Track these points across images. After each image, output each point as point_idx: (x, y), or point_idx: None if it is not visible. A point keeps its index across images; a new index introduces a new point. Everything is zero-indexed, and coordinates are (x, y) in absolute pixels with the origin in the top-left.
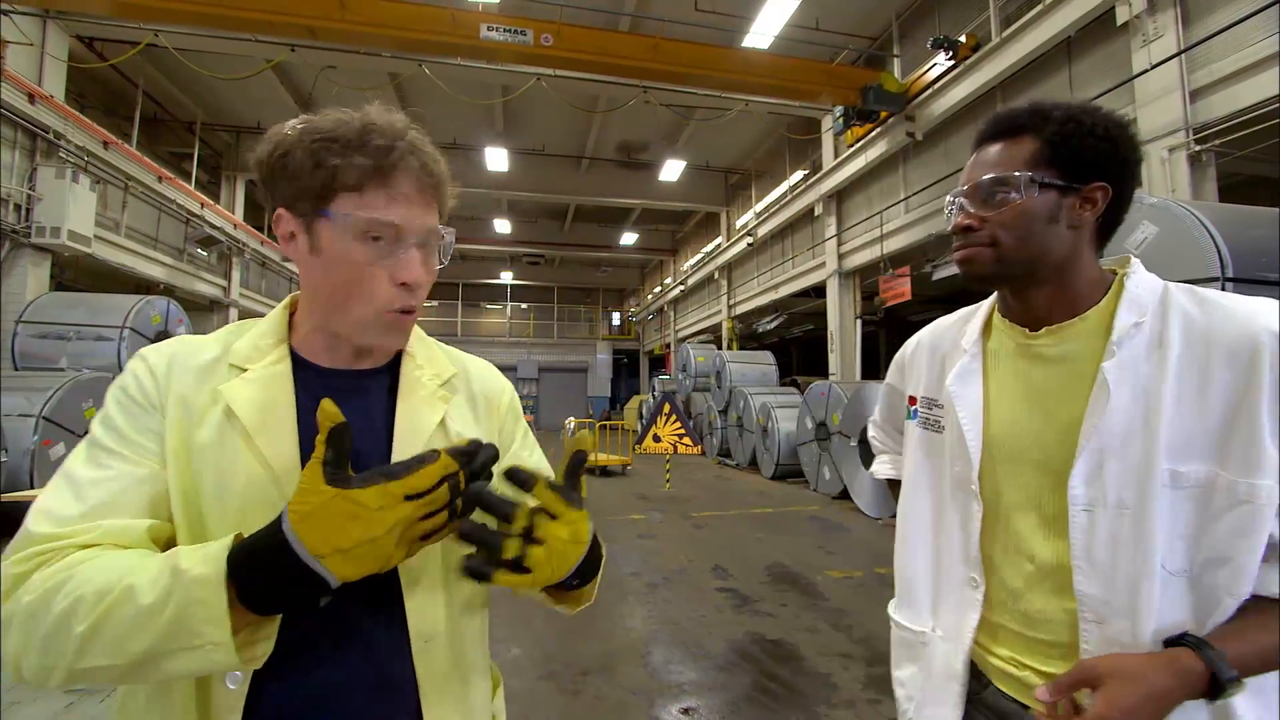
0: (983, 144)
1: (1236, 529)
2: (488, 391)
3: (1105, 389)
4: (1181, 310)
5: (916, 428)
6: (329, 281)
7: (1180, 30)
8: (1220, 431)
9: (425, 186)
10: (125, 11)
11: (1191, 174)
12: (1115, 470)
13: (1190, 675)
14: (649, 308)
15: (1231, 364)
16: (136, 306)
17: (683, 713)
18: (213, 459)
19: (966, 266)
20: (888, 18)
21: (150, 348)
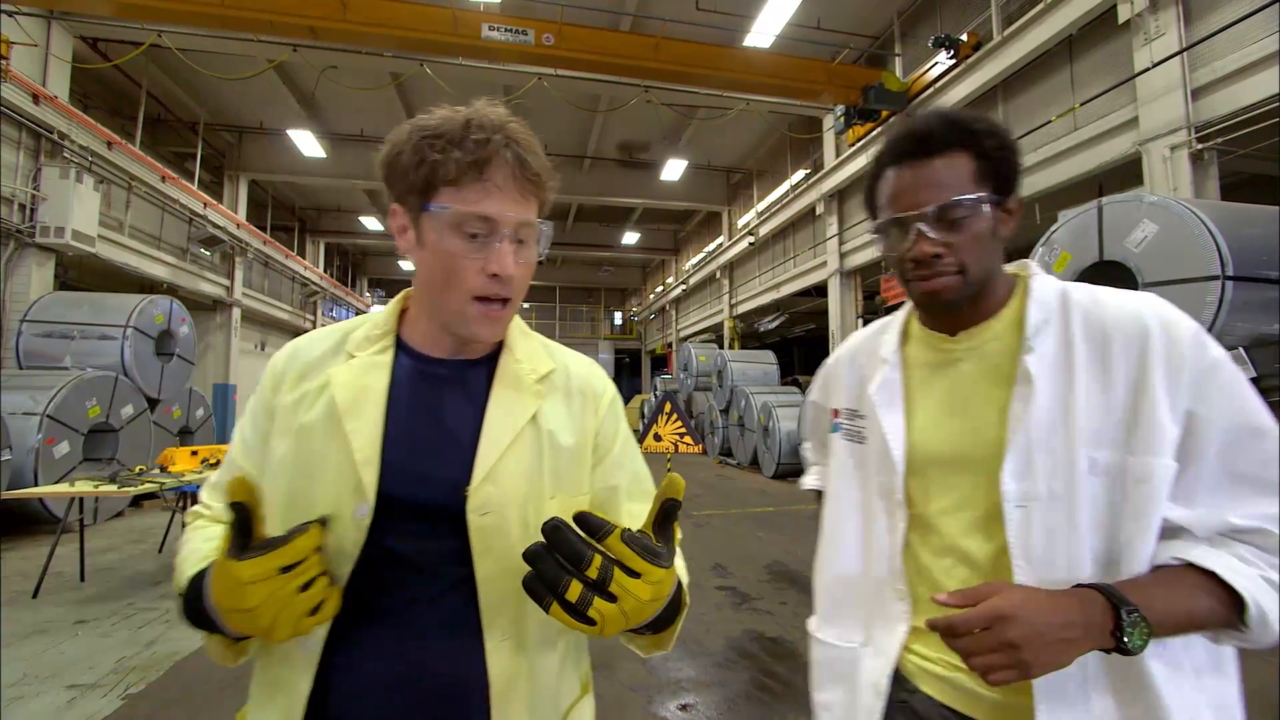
0: (909, 159)
1: (1137, 509)
2: (586, 390)
3: (1029, 381)
4: (1081, 307)
5: (840, 440)
6: (430, 272)
7: (1182, 28)
8: (1124, 417)
9: (521, 180)
10: (128, 12)
11: (1193, 173)
12: (1043, 462)
13: (1093, 604)
14: (651, 307)
15: (1127, 352)
16: (140, 306)
17: (681, 709)
18: (311, 440)
19: (936, 297)
20: (889, 16)
21: (285, 346)
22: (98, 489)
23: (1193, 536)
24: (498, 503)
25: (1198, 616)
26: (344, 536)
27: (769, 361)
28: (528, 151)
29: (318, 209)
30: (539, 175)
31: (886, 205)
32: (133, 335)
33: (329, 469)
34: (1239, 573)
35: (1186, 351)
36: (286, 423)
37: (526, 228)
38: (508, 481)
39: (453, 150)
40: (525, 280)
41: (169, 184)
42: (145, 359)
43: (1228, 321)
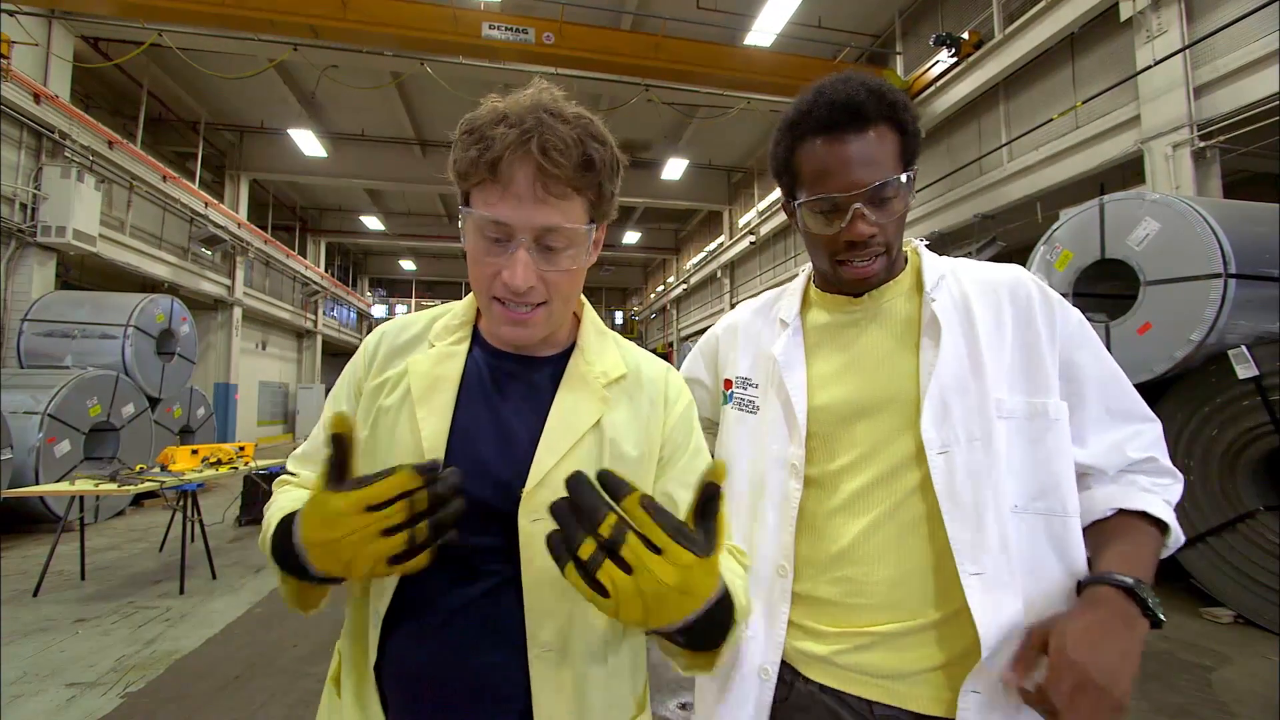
0: (839, 132)
1: (1053, 448)
2: (658, 397)
3: (936, 325)
4: (966, 272)
5: (731, 411)
6: (469, 268)
7: (1184, 26)
8: (1019, 363)
9: (547, 179)
10: (129, 11)
11: (1195, 170)
12: (959, 406)
13: (1116, 603)
14: (652, 306)
15: (1014, 302)
16: (141, 305)
17: (680, 707)
18: (389, 424)
19: (867, 284)
20: (890, 15)
21: (380, 326)
22: (98, 488)
23: (1102, 476)
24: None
25: (1155, 553)
26: None
27: None
28: (557, 149)
29: (319, 208)
30: (571, 173)
31: (815, 182)
32: (134, 334)
33: (396, 455)
34: (1155, 506)
35: (1056, 309)
36: (368, 405)
37: (553, 233)
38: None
39: (471, 149)
40: (566, 283)
41: (170, 183)
42: (146, 358)
43: (1230, 319)
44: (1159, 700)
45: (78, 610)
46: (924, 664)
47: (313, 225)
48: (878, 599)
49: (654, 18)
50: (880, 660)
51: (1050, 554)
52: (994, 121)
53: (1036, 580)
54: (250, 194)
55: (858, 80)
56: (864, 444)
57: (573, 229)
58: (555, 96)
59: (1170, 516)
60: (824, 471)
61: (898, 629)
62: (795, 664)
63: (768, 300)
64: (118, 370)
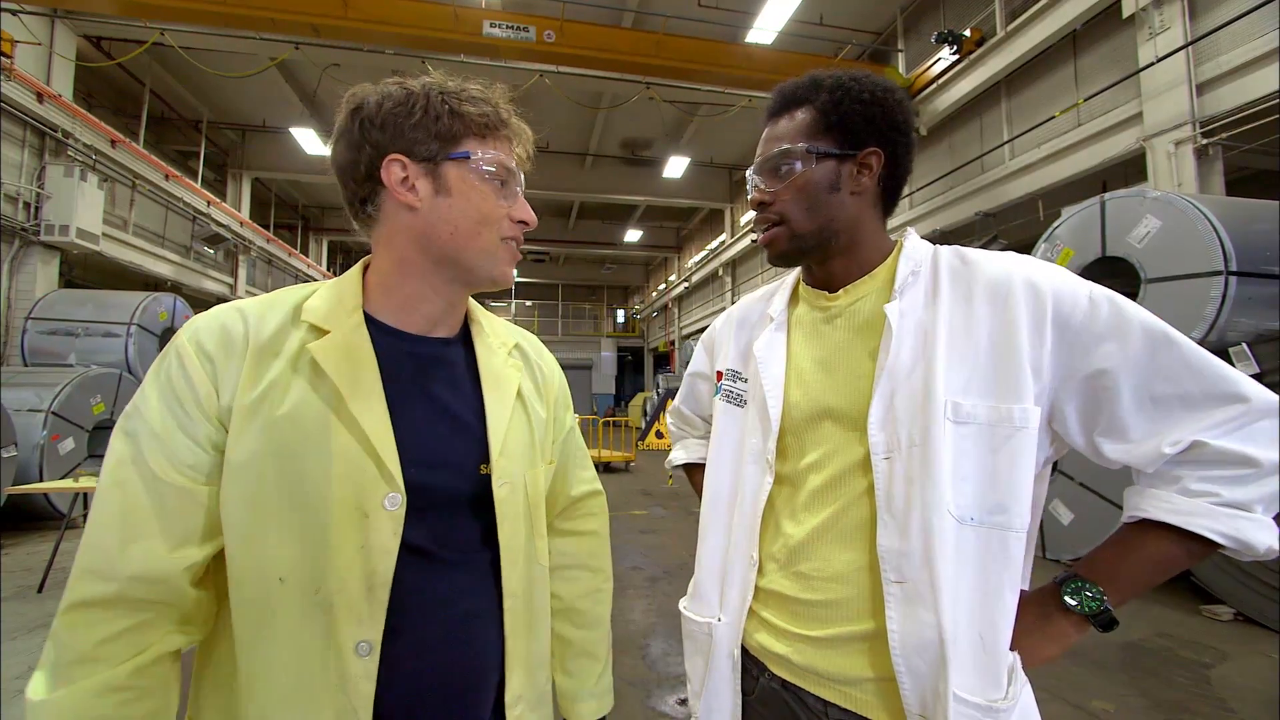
0: (769, 119)
1: (1014, 459)
2: (543, 365)
3: (890, 330)
4: (948, 263)
5: (720, 403)
6: (457, 217)
7: (1187, 23)
8: (988, 364)
9: (526, 145)
10: (132, 10)
11: (1198, 168)
12: (904, 408)
13: (1035, 601)
14: (653, 305)
15: (991, 300)
16: (144, 303)
17: (679, 703)
18: (301, 429)
19: (770, 249)
20: (892, 12)
21: (198, 329)
22: None
23: (1146, 479)
24: (511, 472)
25: (1166, 564)
26: (382, 530)
27: None
28: (521, 122)
29: (320, 207)
30: (530, 140)
31: None
32: (137, 333)
33: (335, 460)
34: (1192, 513)
35: (1050, 305)
36: (250, 420)
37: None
38: (515, 451)
39: (483, 105)
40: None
41: (173, 182)
42: (149, 356)
43: (1231, 317)
44: (1157, 697)
45: None
46: (872, 671)
47: (315, 224)
48: (826, 600)
49: (655, 15)
50: (831, 663)
51: (994, 570)
52: (996, 119)
53: (973, 596)
54: (252, 193)
55: (809, 73)
56: (827, 444)
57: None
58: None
59: (1216, 524)
60: (794, 469)
61: (844, 633)
62: (762, 658)
63: (766, 292)
64: (121, 368)
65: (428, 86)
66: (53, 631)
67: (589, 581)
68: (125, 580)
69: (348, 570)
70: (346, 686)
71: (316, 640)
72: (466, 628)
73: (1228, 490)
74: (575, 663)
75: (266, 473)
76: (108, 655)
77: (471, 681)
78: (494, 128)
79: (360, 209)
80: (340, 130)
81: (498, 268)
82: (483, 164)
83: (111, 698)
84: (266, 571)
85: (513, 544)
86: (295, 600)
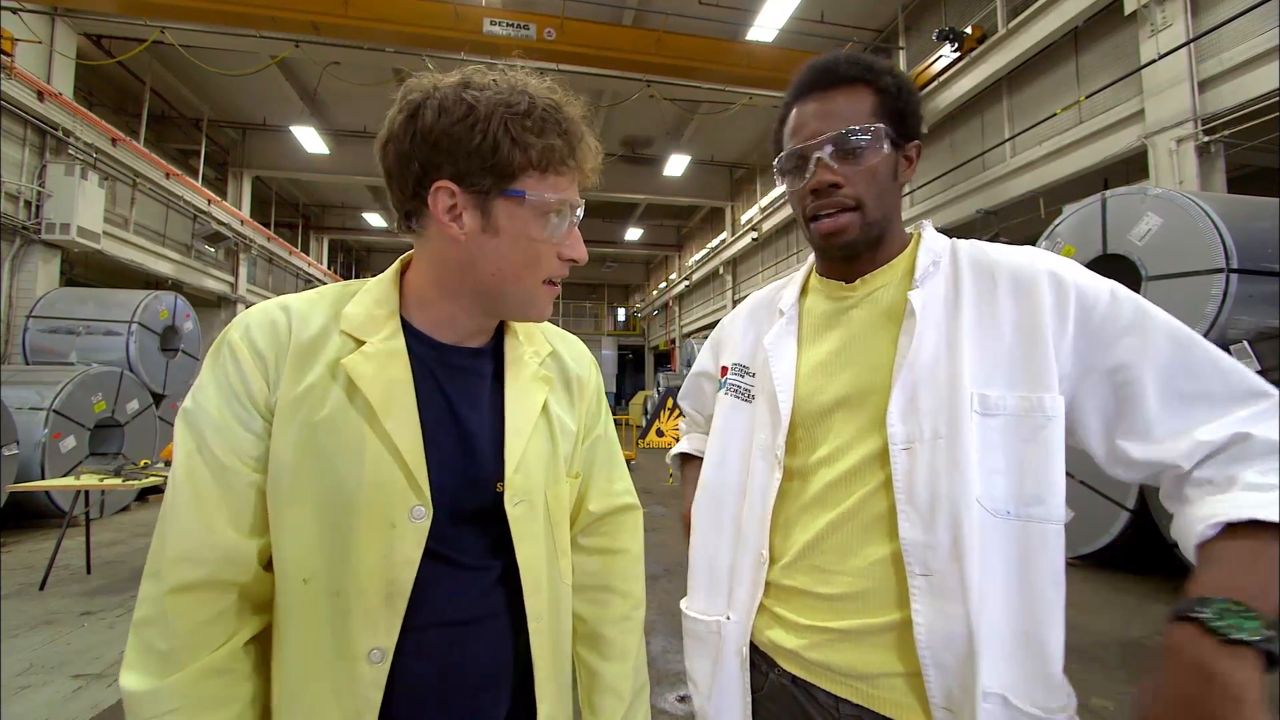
0: (811, 93)
1: (1047, 449)
2: (580, 373)
3: (913, 317)
4: (968, 254)
5: (726, 397)
6: (502, 260)
7: (1189, 19)
8: (1015, 354)
9: (593, 167)
10: (132, 9)
11: (1199, 165)
12: (928, 400)
13: (1180, 650)
14: (654, 303)
15: (1015, 290)
16: (144, 302)
17: (679, 700)
18: (337, 438)
19: (836, 238)
20: (893, 10)
21: (251, 321)
22: (103, 483)
23: (1180, 475)
24: (528, 490)
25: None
26: (406, 541)
27: None
28: (596, 139)
29: (321, 205)
30: (599, 154)
31: (789, 140)
32: (138, 331)
33: (367, 469)
34: (1267, 507)
35: (1073, 297)
36: (290, 418)
37: (578, 209)
38: (533, 469)
39: (549, 135)
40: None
41: (173, 181)
42: (150, 355)
43: (1232, 315)
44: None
45: (84, 604)
46: (888, 667)
47: (315, 222)
48: (842, 593)
49: (655, 13)
50: (845, 657)
51: (1036, 565)
52: (997, 116)
53: (1010, 592)
54: (253, 191)
55: (843, 52)
56: (841, 436)
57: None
58: (549, 84)
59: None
60: (804, 463)
61: (860, 626)
62: (772, 654)
63: (774, 288)
64: (122, 367)
65: (493, 102)
66: (144, 619)
67: (618, 607)
68: (214, 563)
69: (369, 577)
70: (355, 691)
71: (331, 643)
72: (476, 632)
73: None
74: (601, 699)
75: (302, 472)
76: (207, 639)
77: (480, 688)
78: (560, 161)
79: (404, 220)
80: (391, 132)
81: (535, 309)
82: (540, 204)
83: (216, 680)
84: (292, 570)
85: (532, 563)
86: (316, 602)
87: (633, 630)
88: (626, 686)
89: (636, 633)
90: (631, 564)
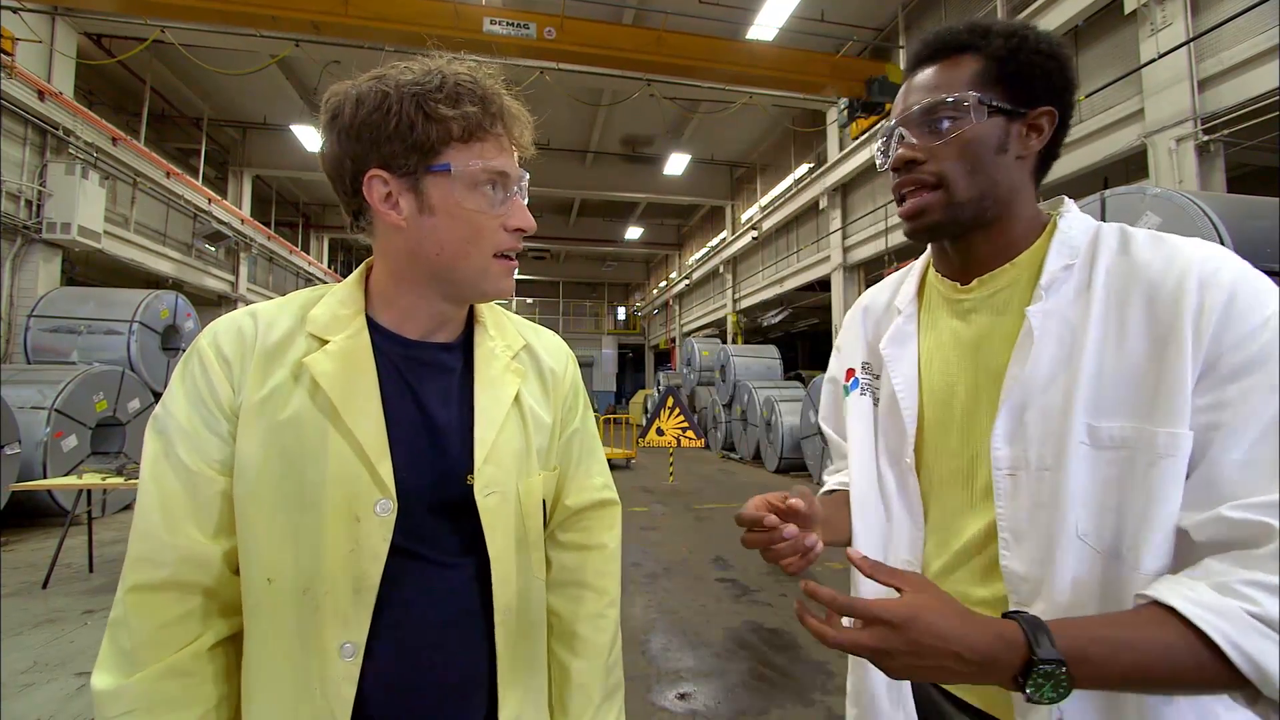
0: (916, 68)
1: (1150, 491)
2: (554, 366)
3: (1030, 336)
4: (1110, 250)
5: (858, 399)
6: (443, 237)
7: (1189, 18)
8: (1139, 380)
9: (522, 133)
10: (132, 7)
11: (1199, 164)
12: (1036, 425)
13: (1002, 645)
14: (654, 302)
15: (1151, 306)
16: (145, 301)
17: (679, 698)
18: (300, 435)
19: (917, 220)
20: (893, 9)
21: (219, 329)
22: (105, 481)
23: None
24: (499, 481)
25: (1157, 663)
26: (372, 535)
27: (772, 356)
28: (521, 106)
29: (321, 204)
30: (529, 126)
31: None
32: (139, 330)
33: (330, 467)
34: (1208, 605)
35: (1231, 318)
36: (254, 421)
37: (523, 181)
38: (504, 460)
39: (463, 105)
40: None
41: (174, 180)
42: (151, 354)
43: None
44: None
45: (86, 602)
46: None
47: (316, 221)
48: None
49: (656, 12)
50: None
51: (1095, 607)
52: None
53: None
54: (253, 190)
55: (966, 21)
56: (960, 456)
57: (525, 175)
58: (467, 63)
59: (1236, 634)
60: (933, 481)
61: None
62: None
63: (894, 281)
64: (123, 366)
65: (402, 87)
66: (114, 620)
67: (592, 603)
68: (175, 564)
69: (337, 572)
70: (327, 689)
71: (301, 641)
72: (450, 630)
73: (1271, 602)
74: (571, 697)
75: (267, 473)
76: (168, 639)
77: (454, 686)
78: (480, 128)
79: (354, 221)
80: (322, 139)
81: (491, 284)
82: (468, 174)
83: (177, 682)
84: (256, 571)
85: (503, 556)
86: (282, 600)
87: (605, 628)
88: (597, 684)
89: (610, 630)
90: (607, 560)
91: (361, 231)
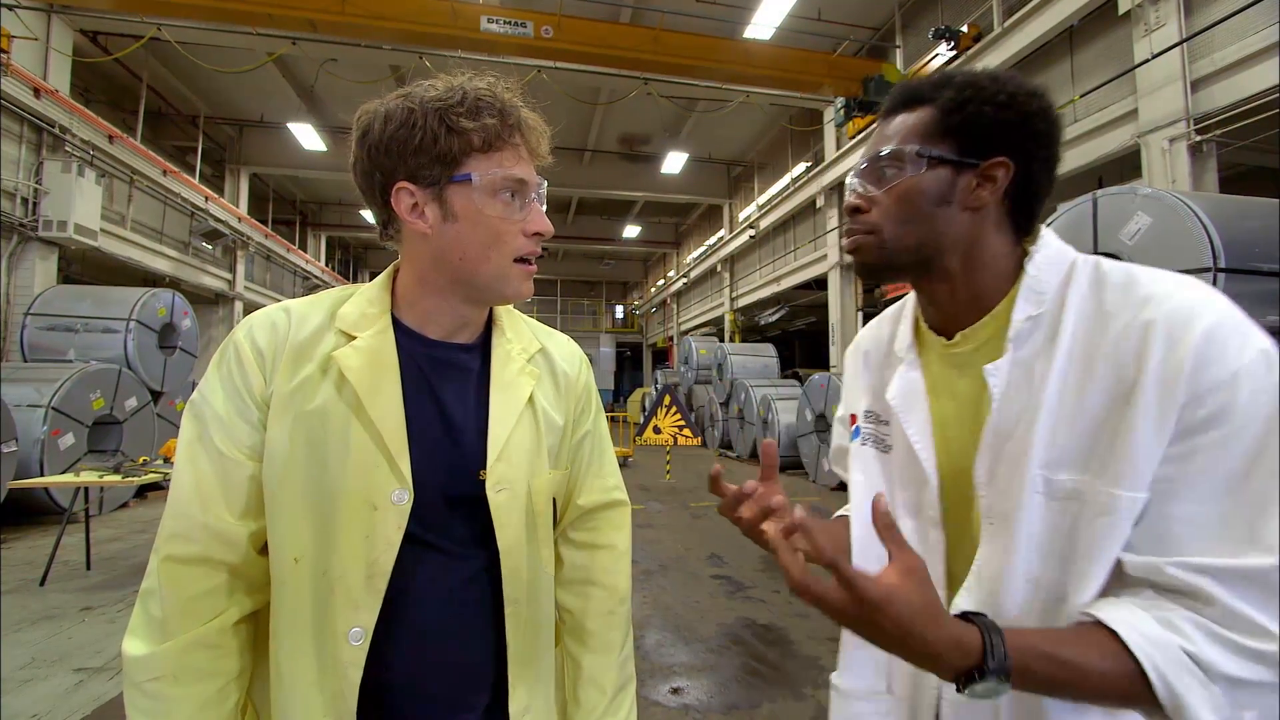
0: (883, 117)
1: (1092, 542)
2: (568, 369)
3: (990, 394)
4: (1078, 295)
5: (862, 448)
6: (466, 242)
7: (1182, 19)
8: (1095, 435)
9: (539, 143)
10: (129, 5)
11: (1192, 165)
12: (1002, 477)
13: (960, 645)
14: (652, 300)
15: (1115, 359)
16: (142, 299)
17: (672, 692)
18: (326, 427)
19: (854, 255)
20: (890, 8)
21: (255, 323)
22: (102, 479)
23: (1129, 590)
24: (510, 478)
25: (1088, 680)
26: (387, 523)
27: (769, 355)
28: (539, 119)
29: (319, 202)
30: (545, 134)
31: None
32: (136, 328)
33: (352, 456)
34: (1148, 636)
35: (1181, 377)
36: (284, 410)
37: (540, 188)
38: (516, 458)
39: (482, 117)
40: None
41: (170, 178)
42: (148, 352)
43: None
44: None
45: (84, 599)
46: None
47: (313, 219)
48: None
49: (653, 11)
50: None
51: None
52: None
53: None
54: (250, 188)
55: (944, 70)
56: (961, 507)
57: (543, 183)
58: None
59: (1165, 665)
60: (952, 531)
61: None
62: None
63: (889, 320)
64: (120, 364)
65: (426, 103)
66: (146, 589)
67: (602, 600)
68: (205, 541)
69: (351, 558)
70: (337, 670)
71: (315, 622)
72: (460, 619)
73: (1209, 648)
74: (583, 691)
75: (293, 459)
76: (197, 611)
77: (463, 674)
78: (499, 138)
79: (384, 231)
80: (354, 156)
81: (510, 287)
82: (488, 182)
83: (204, 653)
84: (285, 551)
85: (513, 550)
86: (305, 580)
87: (617, 625)
88: (609, 679)
89: (621, 627)
90: (617, 559)
91: (390, 239)
